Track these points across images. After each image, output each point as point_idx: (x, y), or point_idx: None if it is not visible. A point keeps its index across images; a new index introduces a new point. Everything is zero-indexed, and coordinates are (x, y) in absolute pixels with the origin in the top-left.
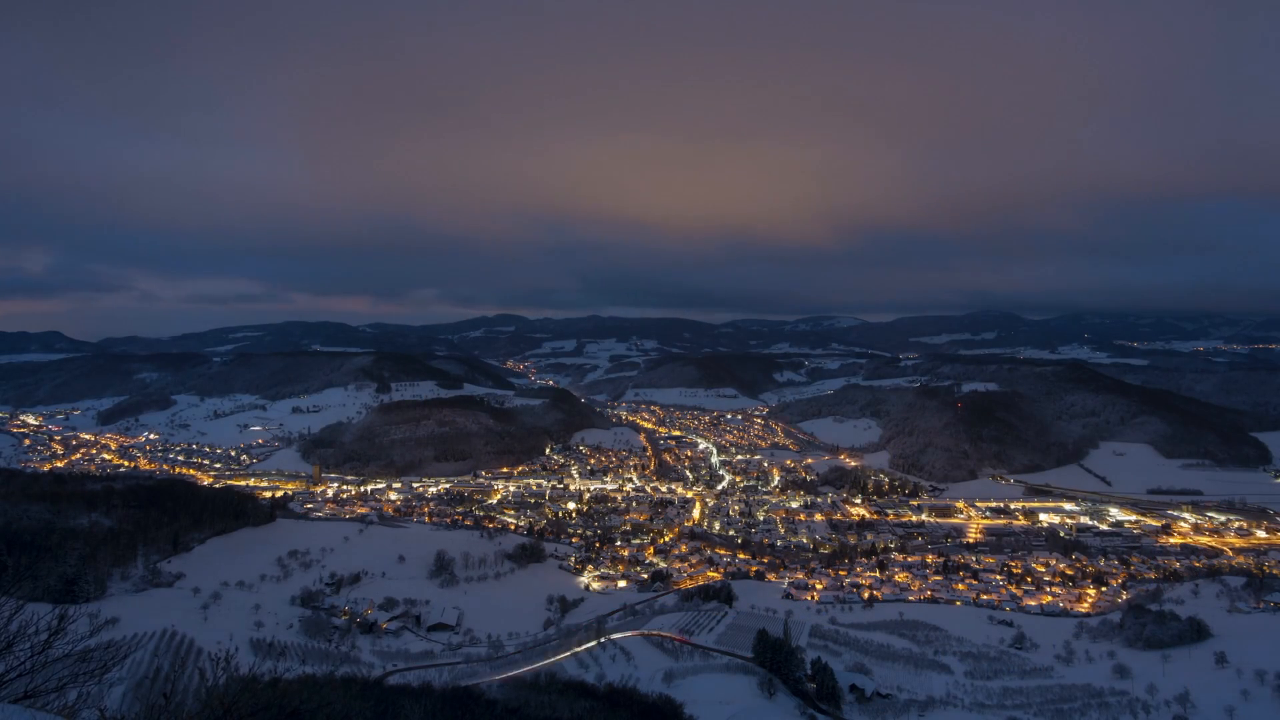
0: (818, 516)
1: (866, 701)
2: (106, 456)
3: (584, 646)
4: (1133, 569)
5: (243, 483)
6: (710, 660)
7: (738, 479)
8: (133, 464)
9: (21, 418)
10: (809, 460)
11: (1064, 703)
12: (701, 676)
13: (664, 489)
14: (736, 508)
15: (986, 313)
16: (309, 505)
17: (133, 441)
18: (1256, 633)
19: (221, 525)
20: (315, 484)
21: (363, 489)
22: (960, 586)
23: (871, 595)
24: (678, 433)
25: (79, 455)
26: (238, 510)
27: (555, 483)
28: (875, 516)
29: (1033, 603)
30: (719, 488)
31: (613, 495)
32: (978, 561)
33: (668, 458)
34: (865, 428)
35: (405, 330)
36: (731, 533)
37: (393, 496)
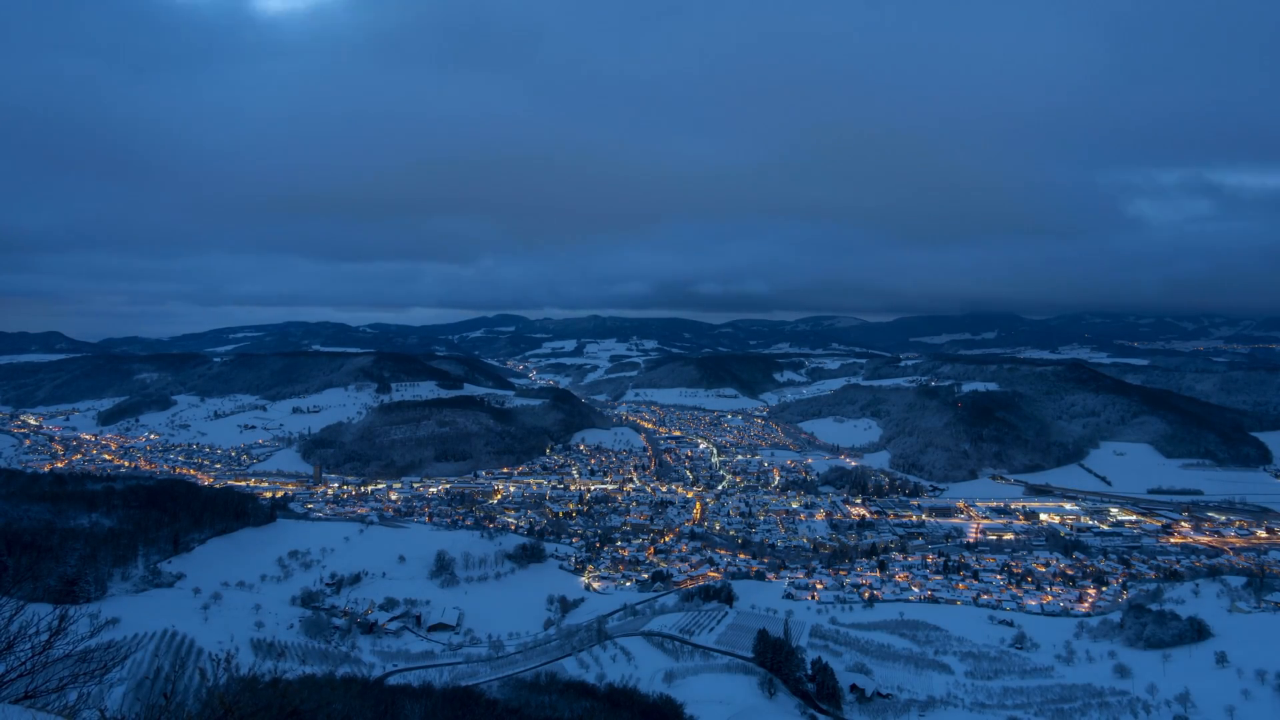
0: (818, 516)
1: (867, 701)
2: (106, 457)
3: (585, 647)
4: (1133, 569)
5: (243, 483)
6: (711, 660)
7: (738, 479)
8: (133, 464)
9: (22, 418)
10: (809, 460)
11: (1064, 702)
12: (702, 676)
13: (664, 489)
14: (737, 508)
15: (986, 313)
16: (309, 505)
17: (133, 442)
18: (1257, 632)
19: (222, 525)
20: (315, 484)
21: (363, 489)
22: (961, 586)
23: (872, 595)
24: (678, 433)
25: (79, 456)
26: (238, 510)
27: (555, 483)
28: (875, 516)
29: (1033, 603)
30: (719, 488)
31: (613, 495)
32: (978, 561)
33: (668, 458)
34: (865, 428)
35: (405, 330)
36: (732, 533)
37: (393, 497)
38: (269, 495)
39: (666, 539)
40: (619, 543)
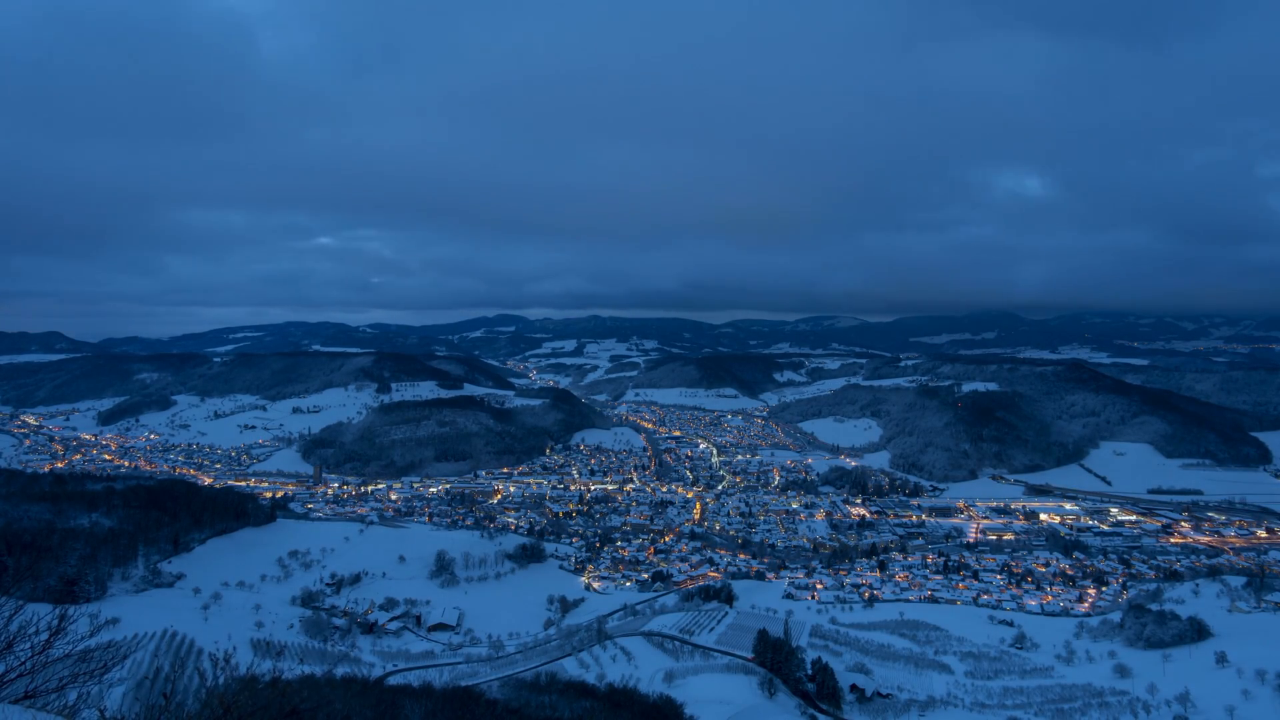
0: (818, 516)
1: (867, 701)
2: (106, 457)
3: (585, 647)
4: (1133, 569)
5: (243, 483)
6: (711, 660)
7: (738, 479)
8: (133, 464)
9: (22, 418)
10: (809, 460)
11: (1064, 702)
12: (702, 676)
13: (664, 489)
14: (737, 508)
15: (986, 313)
16: (309, 505)
17: (133, 442)
18: (1257, 632)
19: (222, 525)
20: (315, 484)
21: (363, 489)
22: (961, 586)
23: (872, 595)
24: (678, 433)
25: (79, 456)
26: (238, 510)
27: (555, 483)
28: (875, 516)
29: (1033, 603)
30: (719, 488)
31: (613, 495)
32: (978, 561)
33: (668, 458)
34: (865, 428)
35: (405, 330)
36: (732, 533)
37: (393, 497)
38: (269, 495)
39: (666, 539)
40: (619, 543)
